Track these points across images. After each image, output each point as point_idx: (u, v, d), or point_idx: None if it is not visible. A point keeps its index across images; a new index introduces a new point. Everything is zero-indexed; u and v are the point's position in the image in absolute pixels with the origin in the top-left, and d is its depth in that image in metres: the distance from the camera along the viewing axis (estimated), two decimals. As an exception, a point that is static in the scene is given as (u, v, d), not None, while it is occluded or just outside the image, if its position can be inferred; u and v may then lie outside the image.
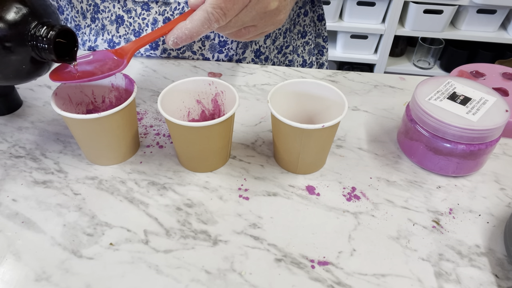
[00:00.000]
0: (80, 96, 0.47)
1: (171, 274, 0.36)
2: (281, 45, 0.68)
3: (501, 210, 0.43)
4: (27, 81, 0.43)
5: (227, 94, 0.46)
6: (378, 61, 1.83)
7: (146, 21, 0.60)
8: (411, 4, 1.64)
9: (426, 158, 0.46)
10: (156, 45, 0.63)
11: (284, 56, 0.69)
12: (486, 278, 0.37)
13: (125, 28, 0.61)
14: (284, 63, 0.70)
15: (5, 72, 0.40)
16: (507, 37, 1.69)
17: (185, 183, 0.45)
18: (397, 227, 0.41)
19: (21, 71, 0.40)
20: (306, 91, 0.47)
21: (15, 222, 0.40)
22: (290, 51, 0.70)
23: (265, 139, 0.50)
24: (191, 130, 0.40)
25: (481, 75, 0.56)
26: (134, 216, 0.41)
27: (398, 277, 0.37)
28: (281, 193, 0.44)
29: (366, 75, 0.63)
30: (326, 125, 0.40)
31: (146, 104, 0.56)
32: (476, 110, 0.43)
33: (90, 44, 0.65)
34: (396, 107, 0.56)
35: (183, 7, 0.58)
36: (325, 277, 0.37)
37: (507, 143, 0.51)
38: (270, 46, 0.66)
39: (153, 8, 0.59)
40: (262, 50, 0.65)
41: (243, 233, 0.40)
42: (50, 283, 0.36)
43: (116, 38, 0.63)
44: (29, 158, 0.47)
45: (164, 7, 0.58)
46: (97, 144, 0.44)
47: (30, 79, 0.43)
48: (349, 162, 0.48)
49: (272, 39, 0.65)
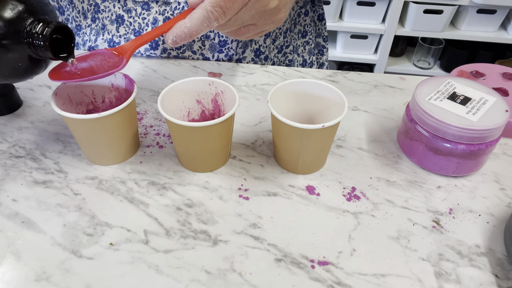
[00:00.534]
0: (80, 96, 0.47)
1: (171, 274, 0.36)
2: (281, 45, 0.68)
3: (501, 210, 0.43)
4: (24, 79, 0.43)
5: (227, 94, 0.46)
6: (378, 61, 1.83)
7: (146, 21, 0.60)
8: (411, 4, 1.64)
9: (426, 158, 0.46)
10: (156, 45, 0.63)
11: (284, 56, 0.69)
12: (486, 278, 0.37)
13: (125, 28, 0.61)
14: (284, 62, 0.70)
15: (1, 70, 0.40)
16: (507, 37, 1.69)
17: (185, 183, 0.45)
18: (397, 227, 0.41)
19: (17, 69, 0.40)
20: (306, 91, 0.47)
21: (15, 222, 0.40)
22: (290, 51, 0.70)
23: (265, 139, 0.50)
24: (191, 130, 0.40)
25: (481, 75, 0.56)
26: (134, 216, 0.41)
27: (398, 277, 0.37)
28: (281, 193, 0.44)
29: (366, 75, 0.63)
30: (326, 125, 0.40)
31: (146, 104, 0.56)
32: (476, 110, 0.43)
33: (90, 44, 0.65)
34: (396, 107, 0.56)
35: (183, 7, 0.58)
36: (325, 277, 0.37)
37: (507, 143, 0.51)
38: (270, 45, 0.66)
39: (153, 7, 0.59)
40: (262, 50, 0.65)
41: (243, 233, 0.40)
42: (50, 283, 0.36)
43: (116, 38, 0.63)
44: (29, 158, 0.47)
45: (164, 7, 0.58)
46: (97, 144, 0.44)
47: (27, 77, 0.42)
48: (349, 162, 0.48)
49: (272, 39, 0.65)
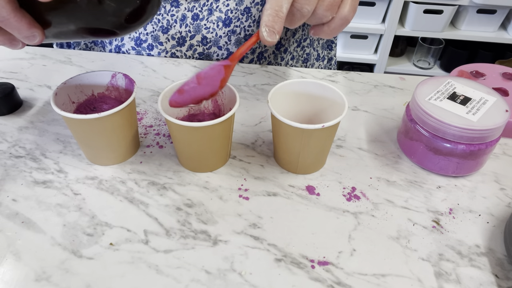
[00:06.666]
0: (80, 96, 0.47)
1: (171, 274, 0.36)
2: (300, 38, 0.68)
3: (501, 210, 0.43)
4: (140, 24, 0.39)
5: (227, 94, 0.46)
6: (378, 61, 1.83)
7: (175, 18, 0.60)
8: (411, 4, 1.64)
9: (426, 158, 0.46)
10: (153, 46, 0.63)
11: (302, 50, 0.70)
12: (486, 278, 0.37)
13: (153, 25, 0.62)
14: (302, 56, 0.70)
15: (122, 7, 0.36)
16: (507, 37, 1.69)
17: (185, 183, 0.45)
18: (397, 227, 0.41)
19: (137, 6, 0.36)
20: (306, 91, 0.47)
21: (15, 222, 0.40)
22: (307, 44, 0.70)
23: (265, 139, 0.50)
24: (191, 130, 0.40)
25: (481, 75, 0.56)
26: (134, 216, 0.41)
27: (398, 277, 0.37)
28: (281, 193, 0.44)
29: (366, 75, 0.63)
30: (326, 125, 0.40)
31: (146, 104, 0.56)
32: (476, 110, 0.43)
33: (117, 43, 0.65)
34: (396, 107, 0.56)
35: (211, 3, 0.59)
36: (325, 277, 0.37)
37: (507, 143, 0.51)
38: (290, 38, 0.66)
39: (182, 4, 0.59)
40: (282, 42, 0.66)
41: (243, 233, 0.40)
42: (50, 283, 0.36)
43: (143, 36, 0.63)
44: (29, 158, 0.47)
45: (193, 3, 0.59)
46: (97, 144, 0.44)
47: (141, 21, 0.39)
48: (349, 162, 0.48)
49: (292, 32, 0.66)
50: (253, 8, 0.60)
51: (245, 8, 0.59)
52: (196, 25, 0.60)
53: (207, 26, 0.61)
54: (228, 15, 0.60)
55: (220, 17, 0.60)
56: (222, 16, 0.60)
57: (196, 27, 0.61)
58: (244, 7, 0.59)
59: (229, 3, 0.59)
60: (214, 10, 0.59)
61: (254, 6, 0.60)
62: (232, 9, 0.59)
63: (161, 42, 0.63)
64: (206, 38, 0.62)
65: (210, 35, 0.61)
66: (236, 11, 0.59)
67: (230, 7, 0.59)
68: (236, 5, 0.59)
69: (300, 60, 0.70)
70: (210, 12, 0.59)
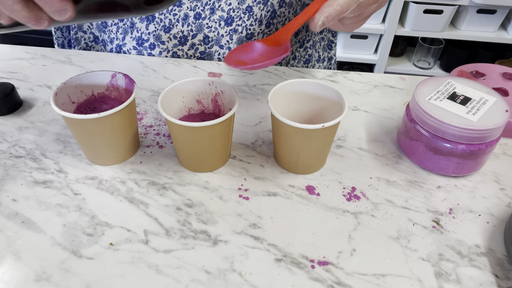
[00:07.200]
0: (80, 96, 0.47)
1: (171, 274, 0.36)
2: (303, 39, 0.68)
3: (501, 210, 0.43)
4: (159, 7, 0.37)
5: (227, 94, 0.46)
6: (378, 61, 1.83)
7: (177, 17, 0.60)
8: (411, 4, 1.64)
9: (426, 158, 0.46)
10: (155, 45, 0.63)
11: (305, 51, 0.70)
12: (486, 278, 0.37)
13: (155, 25, 0.62)
14: (304, 57, 0.70)
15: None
16: (507, 37, 1.69)
17: (185, 183, 0.45)
18: (397, 227, 0.41)
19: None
20: (306, 91, 0.47)
21: (15, 222, 0.40)
22: (310, 45, 0.70)
23: (265, 139, 0.50)
24: (191, 130, 0.40)
25: (481, 75, 0.56)
26: (134, 216, 0.41)
27: (398, 277, 0.37)
28: (281, 193, 0.44)
29: (366, 75, 0.63)
30: (326, 125, 0.40)
31: (146, 104, 0.56)
32: (476, 110, 0.43)
33: (118, 43, 0.65)
34: (396, 107, 0.56)
35: (213, 2, 0.59)
36: (325, 277, 0.37)
37: (507, 143, 0.51)
38: (292, 38, 0.66)
39: (184, 3, 0.59)
40: None
41: (243, 233, 0.40)
42: (50, 283, 0.36)
43: (145, 35, 0.63)
44: (29, 158, 0.47)
45: (196, 3, 0.59)
46: (97, 144, 0.44)
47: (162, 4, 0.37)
48: (349, 162, 0.48)
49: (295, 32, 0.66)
50: (255, 7, 0.60)
51: (247, 7, 0.59)
52: (198, 24, 0.61)
53: (209, 25, 0.61)
54: (230, 14, 0.60)
55: (222, 16, 0.60)
56: (224, 15, 0.60)
57: (198, 26, 0.61)
58: (246, 6, 0.59)
59: (231, 2, 0.59)
60: (216, 9, 0.59)
61: (256, 5, 0.60)
62: (234, 8, 0.59)
63: (163, 41, 0.63)
64: (208, 37, 0.62)
65: (212, 34, 0.61)
66: (238, 10, 0.60)
67: (232, 6, 0.59)
68: (238, 4, 0.59)
69: (302, 60, 0.70)
70: (212, 11, 0.59)
